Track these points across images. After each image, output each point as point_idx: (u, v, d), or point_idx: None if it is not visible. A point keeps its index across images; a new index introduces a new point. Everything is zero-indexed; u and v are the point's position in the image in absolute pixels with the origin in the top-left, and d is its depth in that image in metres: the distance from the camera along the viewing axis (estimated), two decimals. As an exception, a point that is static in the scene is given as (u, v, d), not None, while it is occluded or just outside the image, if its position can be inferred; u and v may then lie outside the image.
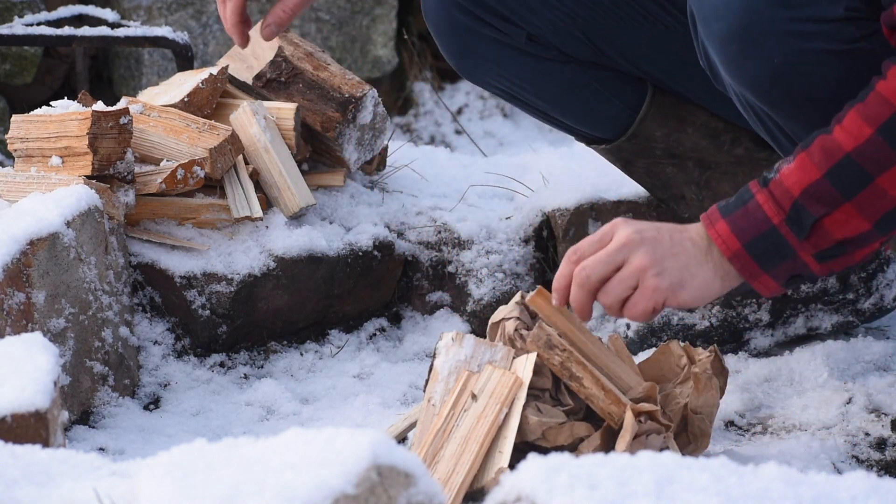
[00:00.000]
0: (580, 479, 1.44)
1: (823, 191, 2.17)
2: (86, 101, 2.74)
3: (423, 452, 2.16)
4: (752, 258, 2.20)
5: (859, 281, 2.75)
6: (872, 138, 2.15)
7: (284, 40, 2.90)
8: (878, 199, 2.17)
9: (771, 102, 2.31)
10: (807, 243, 2.19)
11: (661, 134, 2.72)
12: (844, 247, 2.20)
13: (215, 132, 2.71)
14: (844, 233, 2.19)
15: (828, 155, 2.17)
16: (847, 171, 2.17)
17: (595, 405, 2.21)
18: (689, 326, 2.78)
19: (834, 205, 2.17)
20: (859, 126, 2.16)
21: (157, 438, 2.49)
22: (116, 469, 1.72)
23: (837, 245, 2.20)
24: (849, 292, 2.75)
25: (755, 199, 2.19)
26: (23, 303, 2.37)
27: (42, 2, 4.33)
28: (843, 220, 2.18)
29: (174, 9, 4.59)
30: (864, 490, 1.47)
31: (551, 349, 2.19)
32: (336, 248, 2.82)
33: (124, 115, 2.60)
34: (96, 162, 2.58)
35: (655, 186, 2.79)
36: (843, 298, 2.75)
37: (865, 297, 2.76)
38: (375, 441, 1.47)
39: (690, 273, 2.21)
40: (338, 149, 2.86)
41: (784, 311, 2.75)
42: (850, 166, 2.16)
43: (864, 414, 2.54)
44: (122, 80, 4.58)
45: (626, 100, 2.71)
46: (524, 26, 2.64)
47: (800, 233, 2.18)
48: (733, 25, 2.24)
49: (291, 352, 2.82)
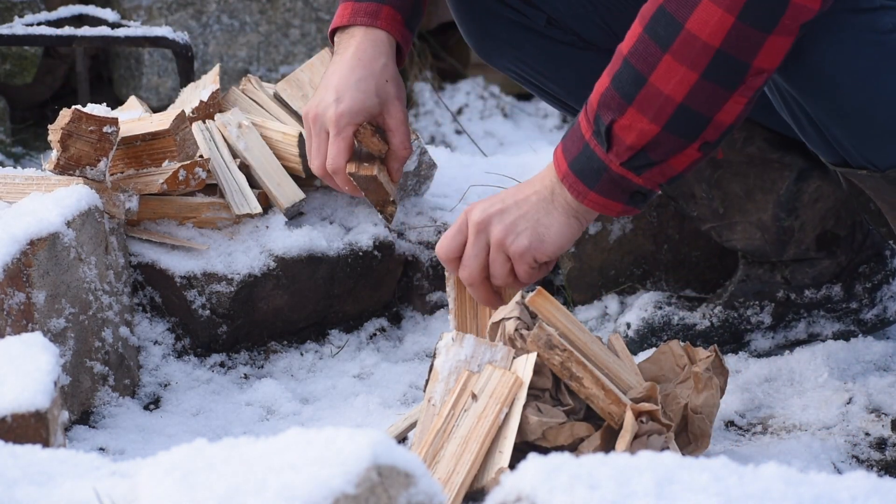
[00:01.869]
0: (580, 479, 1.44)
1: (610, 97, 2.19)
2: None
3: (424, 452, 2.16)
4: (576, 177, 2.23)
5: (863, 291, 2.75)
6: (641, 37, 2.17)
7: None
8: (655, 99, 2.16)
9: (798, 86, 2.29)
10: (612, 154, 2.20)
11: None
12: (647, 154, 2.19)
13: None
14: (634, 138, 2.18)
15: (614, 62, 2.20)
16: (625, 73, 2.18)
17: (595, 405, 2.21)
18: (689, 326, 2.77)
19: (619, 110, 2.18)
20: (634, 28, 2.19)
21: (157, 438, 2.49)
22: (116, 469, 1.72)
23: (638, 154, 2.19)
24: (853, 301, 2.75)
25: (578, 116, 2.24)
26: (23, 303, 2.37)
27: (42, 2, 4.33)
28: (629, 124, 2.18)
29: (174, 9, 4.59)
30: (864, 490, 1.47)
31: (551, 349, 2.19)
32: (336, 248, 2.83)
33: (110, 125, 2.57)
34: (62, 159, 2.56)
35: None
36: (847, 307, 2.75)
37: (869, 307, 2.76)
38: (376, 441, 1.47)
39: (544, 226, 2.26)
40: None
41: (786, 315, 2.75)
42: (627, 68, 2.18)
43: (865, 414, 2.54)
44: (123, 80, 4.58)
45: None
46: (544, 9, 2.62)
47: (603, 143, 2.20)
48: None
49: (291, 352, 2.82)
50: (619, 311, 2.88)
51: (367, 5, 2.57)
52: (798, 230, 2.71)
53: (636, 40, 2.17)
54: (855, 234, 2.73)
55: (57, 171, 2.57)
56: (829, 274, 2.73)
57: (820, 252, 2.72)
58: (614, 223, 2.89)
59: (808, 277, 2.73)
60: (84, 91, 3.86)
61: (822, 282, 2.74)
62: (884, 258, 2.76)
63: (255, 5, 4.71)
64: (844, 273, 2.74)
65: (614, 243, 2.90)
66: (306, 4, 4.79)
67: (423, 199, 2.97)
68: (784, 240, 2.71)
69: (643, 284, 2.92)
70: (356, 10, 2.58)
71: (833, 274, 2.73)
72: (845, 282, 2.74)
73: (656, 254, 2.91)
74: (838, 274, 2.73)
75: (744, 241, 2.73)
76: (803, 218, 2.69)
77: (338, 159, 2.57)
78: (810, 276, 2.73)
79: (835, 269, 2.73)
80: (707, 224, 2.76)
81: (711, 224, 2.75)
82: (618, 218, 2.85)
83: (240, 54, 4.71)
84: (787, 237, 2.71)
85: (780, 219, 2.70)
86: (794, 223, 2.70)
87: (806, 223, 2.70)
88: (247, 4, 4.69)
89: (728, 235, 2.75)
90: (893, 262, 2.76)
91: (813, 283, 2.73)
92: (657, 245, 2.91)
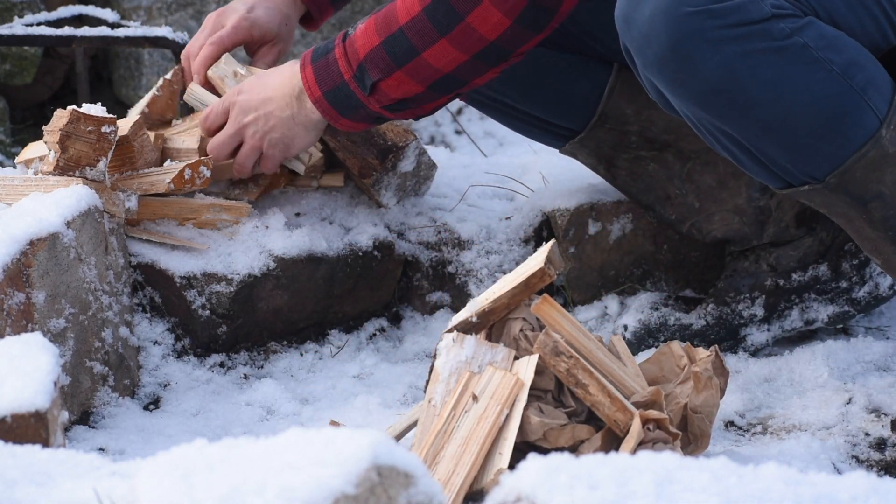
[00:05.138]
0: (580, 480, 1.44)
1: (379, 58, 2.49)
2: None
3: (424, 453, 2.16)
4: (330, 105, 2.58)
5: (851, 269, 2.75)
6: (419, 16, 2.45)
7: None
8: (424, 70, 2.48)
9: (718, 113, 2.34)
10: (372, 98, 2.53)
11: (632, 111, 2.73)
12: (407, 103, 2.52)
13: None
14: (399, 93, 2.51)
15: (387, 25, 2.48)
16: (399, 42, 2.48)
17: (601, 413, 2.20)
18: (685, 327, 2.78)
19: (388, 71, 2.49)
20: (412, 2, 2.46)
21: (157, 438, 2.49)
22: (116, 469, 1.71)
23: (399, 102, 2.53)
24: (841, 280, 2.75)
25: (334, 52, 2.55)
26: (23, 303, 2.37)
27: (42, 2, 4.33)
28: (396, 84, 2.50)
29: (174, 9, 4.59)
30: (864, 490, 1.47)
31: (558, 356, 2.19)
32: (336, 248, 2.82)
33: (108, 125, 2.57)
34: (62, 160, 2.56)
35: (640, 190, 2.80)
36: (837, 287, 2.75)
37: (859, 285, 2.75)
38: (375, 441, 1.47)
39: (290, 137, 2.64)
40: (375, 193, 2.85)
41: (778, 304, 2.75)
42: (402, 39, 2.47)
43: (864, 414, 2.54)
44: (122, 80, 4.58)
45: (594, 78, 2.75)
46: None
47: (364, 90, 2.52)
48: (664, 46, 2.28)
49: (291, 352, 2.82)
50: (619, 311, 2.88)
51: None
52: (775, 208, 2.72)
53: (415, 17, 2.45)
54: None
55: (56, 173, 2.57)
56: (814, 253, 2.74)
57: (800, 229, 2.73)
58: (614, 223, 2.90)
59: (794, 260, 2.74)
60: (84, 91, 3.86)
61: (807, 262, 2.74)
62: None
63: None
64: (830, 252, 2.74)
65: (614, 244, 2.90)
66: (306, 4, 4.78)
67: (422, 199, 2.97)
68: (762, 220, 2.72)
69: (643, 285, 2.92)
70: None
71: (818, 253, 2.74)
72: (831, 261, 2.74)
73: (656, 254, 2.91)
74: (823, 253, 2.74)
75: (724, 230, 2.75)
76: (778, 196, 2.70)
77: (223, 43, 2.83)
78: (795, 259, 2.74)
79: (819, 248, 2.73)
80: (686, 223, 2.77)
81: (690, 221, 2.77)
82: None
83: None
84: (764, 216, 2.72)
85: (755, 199, 2.72)
86: (769, 202, 2.72)
87: (782, 201, 2.71)
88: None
89: (707, 227, 2.76)
90: None
91: (799, 265, 2.74)
92: (657, 245, 2.91)
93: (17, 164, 2.75)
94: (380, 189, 2.85)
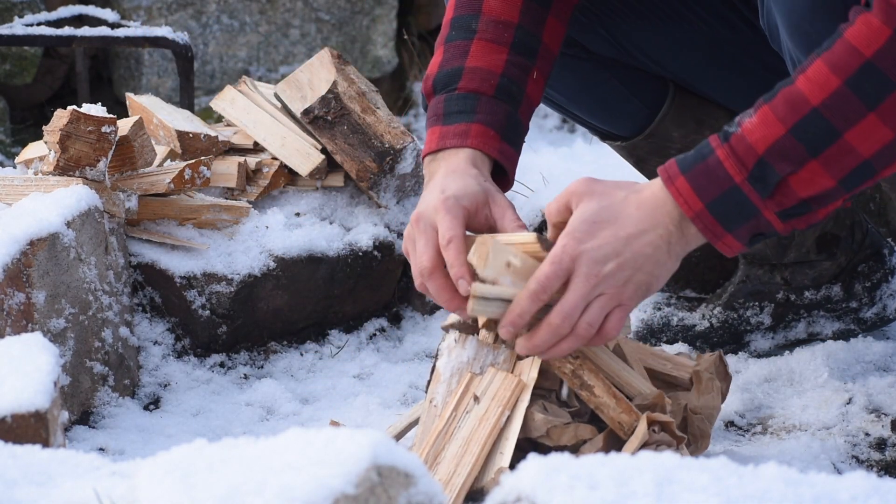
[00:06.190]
0: (580, 479, 1.44)
1: (789, 147, 2.05)
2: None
3: (425, 454, 2.16)
4: (715, 219, 2.10)
5: (863, 290, 2.75)
6: (840, 90, 2.03)
7: (342, 74, 2.86)
8: (844, 156, 2.05)
9: None
10: (770, 201, 2.09)
11: (679, 135, 2.70)
12: (809, 205, 2.09)
13: None
14: (809, 191, 2.08)
15: (793, 109, 2.05)
16: (813, 126, 2.04)
17: (605, 415, 2.19)
18: (688, 328, 2.77)
19: (800, 163, 2.05)
20: (826, 77, 2.03)
21: (157, 438, 2.49)
22: (116, 469, 1.71)
23: (802, 203, 2.09)
24: (852, 301, 2.75)
25: (715, 154, 2.08)
26: (23, 303, 2.37)
27: (42, 2, 4.33)
28: (808, 178, 2.07)
29: (174, 9, 4.59)
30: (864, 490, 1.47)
31: (563, 357, 2.19)
32: (336, 248, 2.83)
33: (108, 125, 2.57)
34: (62, 160, 2.56)
35: None
36: (847, 307, 2.75)
37: (868, 306, 2.76)
38: (376, 441, 1.47)
39: (657, 274, 2.13)
40: (374, 195, 2.86)
41: (786, 315, 2.75)
42: (817, 121, 2.04)
43: (864, 414, 2.54)
44: (122, 80, 4.58)
45: (646, 98, 2.68)
46: None
47: (763, 191, 2.08)
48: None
49: (291, 352, 2.82)
50: (620, 311, 2.88)
51: (455, 127, 2.36)
52: (798, 234, 2.71)
53: (832, 93, 2.03)
54: (854, 233, 2.73)
55: (56, 173, 2.57)
56: (829, 275, 2.73)
57: (820, 254, 2.72)
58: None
59: (808, 279, 2.73)
60: (84, 91, 3.86)
61: (821, 282, 2.74)
62: (882, 257, 2.76)
63: (254, 5, 4.71)
64: (844, 273, 2.74)
65: (614, 243, 2.89)
66: (306, 5, 4.79)
67: (422, 199, 2.97)
68: (784, 244, 2.72)
69: (643, 285, 2.91)
70: (444, 133, 2.36)
71: (833, 275, 2.74)
72: (845, 281, 2.74)
73: (656, 254, 2.90)
74: (838, 274, 2.74)
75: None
76: None
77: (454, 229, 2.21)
78: (810, 278, 2.73)
79: (834, 270, 2.73)
80: None
81: None
82: None
83: (239, 54, 4.71)
84: (787, 241, 2.71)
85: None
86: None
87: None
88: (246, 5, 4.69)
89: None
90: (892, 260, 2.76)
91: (813, 284, 2.74)
92: (657, 245, 2.90)
93: (17, 164, 2.75)
94: (378, 191, 2.85)
